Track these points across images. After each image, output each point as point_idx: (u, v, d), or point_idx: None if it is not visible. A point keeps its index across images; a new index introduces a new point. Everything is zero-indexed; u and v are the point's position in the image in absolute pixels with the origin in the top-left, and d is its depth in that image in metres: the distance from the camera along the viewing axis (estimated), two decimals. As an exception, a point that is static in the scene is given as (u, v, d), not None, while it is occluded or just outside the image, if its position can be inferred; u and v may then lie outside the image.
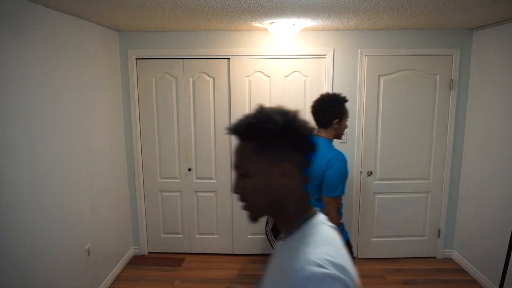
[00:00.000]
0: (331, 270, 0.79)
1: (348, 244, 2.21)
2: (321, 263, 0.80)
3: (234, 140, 3.83)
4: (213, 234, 3.84)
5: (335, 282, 0.79)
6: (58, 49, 2.54)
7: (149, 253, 3.93)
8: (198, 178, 3.77)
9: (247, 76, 3.57)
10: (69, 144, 2.68)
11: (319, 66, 3.53)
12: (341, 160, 2.07)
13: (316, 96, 3.53)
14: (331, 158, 2.05)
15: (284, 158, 0.90)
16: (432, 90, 3.50)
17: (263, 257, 3.81)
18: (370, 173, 3.61)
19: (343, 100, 2.18)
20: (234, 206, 3.77)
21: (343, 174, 2.08)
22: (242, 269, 3.29)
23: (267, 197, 0.92)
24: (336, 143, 2.21)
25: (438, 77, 3.48)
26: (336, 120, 2.15)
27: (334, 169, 2.04)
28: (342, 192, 2.08)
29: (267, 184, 0.91)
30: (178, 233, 3.90)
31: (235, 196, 2.30)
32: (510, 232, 2.81)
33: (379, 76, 3.50)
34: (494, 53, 3.12)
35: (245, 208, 0.95)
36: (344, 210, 2.28)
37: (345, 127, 2.22)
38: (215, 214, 3.82)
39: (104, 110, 3.24)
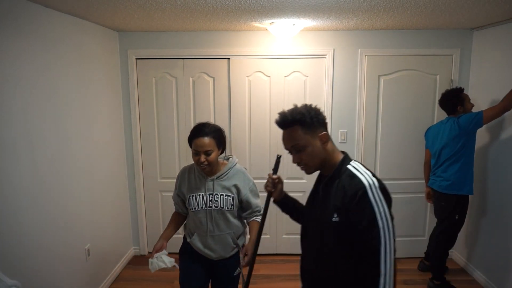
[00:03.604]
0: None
1: None
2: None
3: (233, 140, 3.81)
4: (213, 234, 3.84)
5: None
6: (58, 49, 2.54)
7: (149, 253, 3.93)
8: (198, 178, 3.77)
9: (247, 76, 3.57)
10: (69, 144, 2.68)
11: (319, 66, 3.53)
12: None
13: (316, 95, 3.57)
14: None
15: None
16: (432, 90, 3.50)
17: (263, 257, 3.81)
18: (370, 173, 3.61)
19: None
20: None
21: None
22: (242, 269, 3.29)
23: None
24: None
25: (438, 77, 3.49)
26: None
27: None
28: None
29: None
30: (178, 233, 3.88)
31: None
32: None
33: (379, 76, 3.50)
34: (494, 53, 3.12)
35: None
36: None
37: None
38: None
39: (104, 110, 3.24)
